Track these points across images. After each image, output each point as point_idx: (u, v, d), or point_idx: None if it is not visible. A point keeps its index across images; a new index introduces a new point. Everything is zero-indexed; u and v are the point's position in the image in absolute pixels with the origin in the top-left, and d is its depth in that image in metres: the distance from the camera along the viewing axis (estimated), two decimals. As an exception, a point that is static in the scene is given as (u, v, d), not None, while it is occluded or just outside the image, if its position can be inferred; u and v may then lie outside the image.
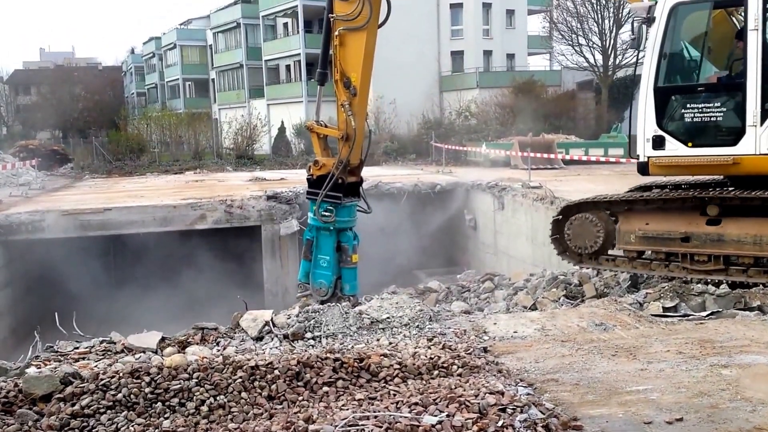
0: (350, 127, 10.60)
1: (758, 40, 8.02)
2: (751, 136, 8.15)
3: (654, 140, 8.68)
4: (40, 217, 17.34)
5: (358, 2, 10.22)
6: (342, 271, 11.00)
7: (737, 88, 8.28)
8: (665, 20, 8.50)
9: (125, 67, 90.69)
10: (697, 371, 5.62)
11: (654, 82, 8.64)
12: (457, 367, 5.65)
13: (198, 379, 5.19)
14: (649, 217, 9.13)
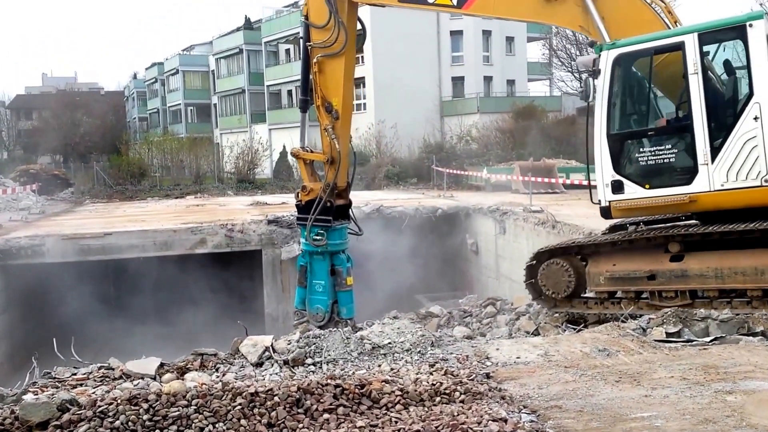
0: (335, 150, 10.90)
1: (699, 82, 8.37)
2: (704, 174, 8.46)
3: (613, 185, 8.98)
4: (39, 241, 17.32)
5: (334, 29, 10.64)
6: (338, 294, 11.11)
7: (686, 129, 8.59)
8: (610, 71, 8.87)
9: (127, 92, 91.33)
10: (702, 398, 5.55)
11: (607, 130, 8.95)
12: (459, 393, 5.58)
13: (197, 406, 5.13)
14: (616, 258, 9.34)
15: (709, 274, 8.63)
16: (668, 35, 8.81)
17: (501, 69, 51.00)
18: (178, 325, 17.83)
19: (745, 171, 8.30)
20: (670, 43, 8.69)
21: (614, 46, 8.96)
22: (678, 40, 8.59)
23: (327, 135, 11.07)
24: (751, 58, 8.20)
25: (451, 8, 10.49)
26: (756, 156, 8.21)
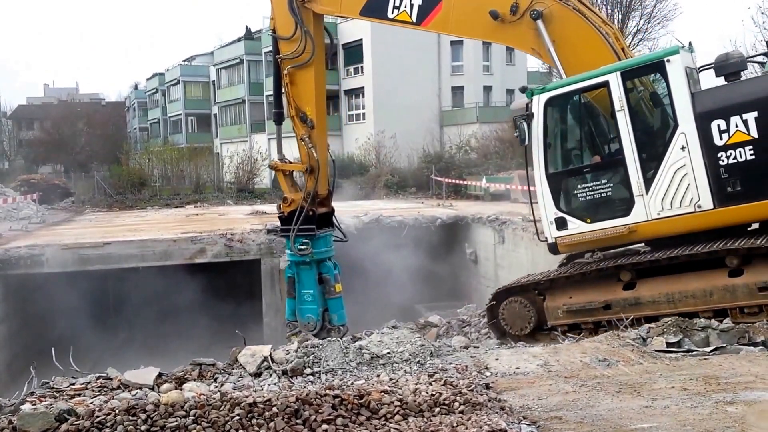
0: (313, 159, 11.04)
1: (626, 118, 8.78)
2: (641, 205, 8.81)
3: (556, 222, 9.35)
4: (39, 251, 17.31)
5: (300, 40, 10.90)
6: (328, 302, 11.28)
7: (619, 163, 8.95)
8: (542, 113, 9.29)
9: (128, 103, 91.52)
10: (703, 408, 5.52)
11: (545, 170, 9.38)
12: (458, 404, 5.55)
13: (195, 416, 5.11)
14: (572, 291, 9.54)
15: (661, 300, 8.85)
16: (593, 75, 9.13)
17: (501, 78, 51.09)
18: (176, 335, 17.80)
19: (678, 199, 8.64)
20: (596, 83, 9.05)
21: (544, 90, 9.44)
22: (603, 80, 8.96)
23: (304, 144, 11.19)
24: (672, 91, 8.59)
25: (410, 24, 10.58)
26: (687, 184, 8.56)
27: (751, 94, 8.39)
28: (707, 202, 8.49)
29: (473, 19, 10.14)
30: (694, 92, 8.68)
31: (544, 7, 9.51)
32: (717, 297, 8.45)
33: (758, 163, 8.21)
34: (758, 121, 8.15)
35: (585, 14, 9.58)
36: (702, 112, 8.48)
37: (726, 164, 8.36)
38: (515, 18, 9.65)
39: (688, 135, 8.49)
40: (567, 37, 9.55)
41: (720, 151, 8.37)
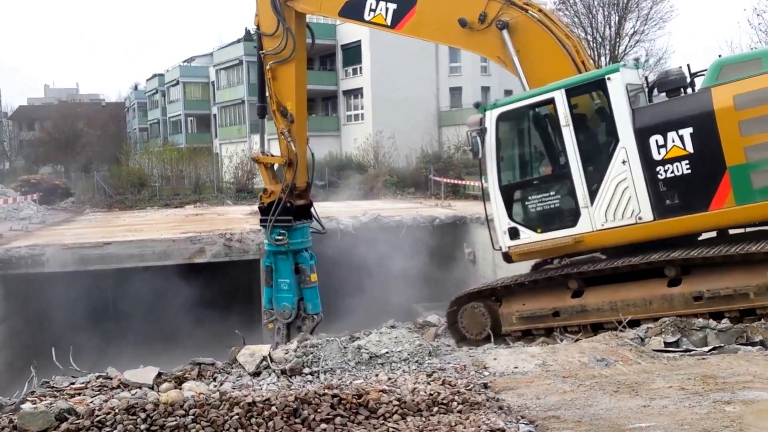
0: (291, 152, 11.56)
1: (571, 133, 9.18)
2: (586, 216, 9.19)
3: (509, 232, 9.77)
4: (39, 251, 17.30)
5: (282, 37, 11.34)
6: (303, 291, 11.69)
7: (566, 176, 9.34)
8: (494, 128, 9.70)
9: (128, 103, 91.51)
10: (701, 408, 5.53)
11: (498, 182, 9.80)
12: (457, 403, 5.57)
13: (194, 415, 5.12)
14: (526, 298, 9.94)
15: (605, 308, 9.20)
16: (541, 92, 9.55)
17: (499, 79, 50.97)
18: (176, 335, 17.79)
19: (621, 211, 9.00)
20: (543, 99, 9.48)
21: (495, 105, 9.90)
22: (549, 96, 9.37)
23: (284, 138, 11.70)
24: (613, 107, 8.94)
25: (385, 27, 10.86)
26: (628, 196, 8.92)
27: (686, 111, 8.70)
28: (647, 214, 8.83)
29: (443, 25, 10.40)
30: (635, 108, 8.99)
31: (510, 18, 9.83)
32: (656, 305, 8.76)
33: (694, 177, 8.55)
34: (693, 136, 8.47)
35: (548, 26, 9.86)
36: (641, 127, 8.81)
37: (664, 178, 8.72)
38: (483, 26, 9.95)
39: (629, 150, 8.83)
40: (530, 48, 9.87)
41: (658, 166, 8.73)
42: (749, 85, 8.30)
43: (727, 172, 8.38)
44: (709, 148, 8.42)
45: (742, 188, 8.35)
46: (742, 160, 8.31)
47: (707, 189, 8.52)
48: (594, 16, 37.81)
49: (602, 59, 38.11)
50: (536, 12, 9.95)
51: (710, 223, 8.74)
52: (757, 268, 8.30)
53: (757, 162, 8.30)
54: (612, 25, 37.76)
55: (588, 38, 38.11)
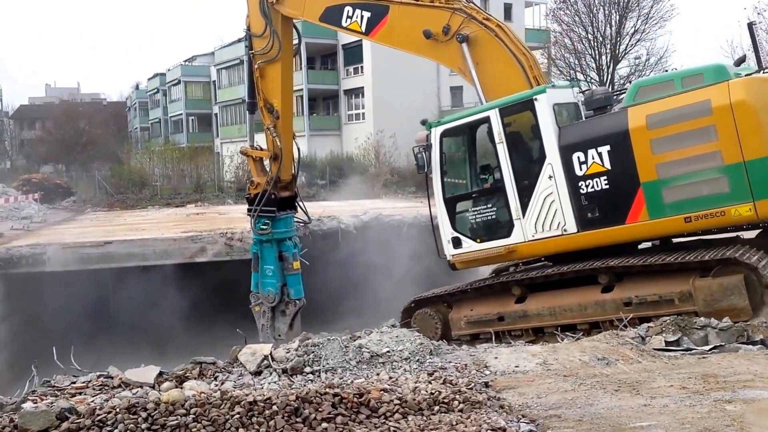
0: (277, 147, 12.12)
1: (505, 149, 9.81)
2: (519, 228, 9.79)
3: (453, 241, 10.41)
4: (40, 250, 17.33)
5: (270, 38, 11.91)
6: (286, 278, 12.35)
7: (501, 190, 9.96)
8: (438, 145, 10.37)
9: (129, 103, 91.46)
10: (701, 407, 5.53)
11: (443, 195, 10.45)
12: (458, 402, 5.57)
13: (195, 414, 5.11)
14: (474, 304, 10.48)
15: (545, 313, 9.72)
16: (478, 111, 10.29)
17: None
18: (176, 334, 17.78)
19: (548, 222, 9.57)
20: (480, 118, 10.15)
21: (439, 123, 10.59)
22: (485, 115, 10.04)
23: (270, 133, 12.21)
24: (540, 125, 9.54)
25: (360, 34, 11.56)
26: (555, 209, 9.49)
27: (604, 130, 9.23)
28: (572, 226, 9.39)
29: (411, 35, 10.96)
30: (561, 126, 9.53)
31: (470, 32, 10.40)
32: (590, 311, 9.25)
33: (612, 192, 9.08)
34: (610, 154, 9.01)
35: (505, 42, 10.34)
36: (565, 145, 9.37)
37: (586, 192, 9.27)
38: (446, 38, 10.51)
39: (554, 165, 9.41)
40: (487, 62, 10.42)
41: (580, 181, 9.28)
42: (660, 106, 8.76)
43: (640, 187, 8.88)
44: (624, 165, 8.93)
45: (655, 203, 8.83)
46: (654, 176, 8.80)
47: (624, 203, 9.03)
48: (595, 15, 37.77)
49: (603, 58, 38.08)
50: (494, 27, 10.46)
51: (628, 235, 9.19)
52: (681, 276, 8.80)
53: (667, 178, 8.76)
54: (613, 24, 37.72)
55: (589, 37, 38.08)
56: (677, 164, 8.70)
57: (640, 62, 38.06)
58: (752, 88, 8.43)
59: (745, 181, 8.34)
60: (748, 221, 8.71)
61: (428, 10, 10.76)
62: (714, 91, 8.47)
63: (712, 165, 8.51)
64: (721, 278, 8.50)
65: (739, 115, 8.27)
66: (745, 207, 8.36)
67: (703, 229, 9.07)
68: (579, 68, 38.47)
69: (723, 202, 8.48)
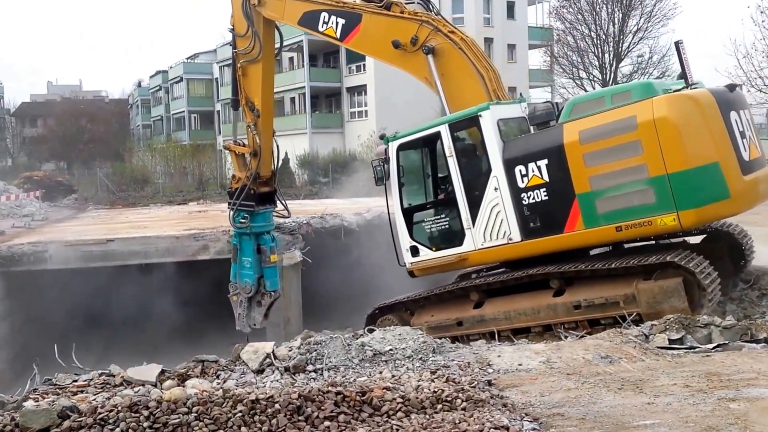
0: (256, 144, 12.57)
1: (455, 163, 10.32)
2: (469, 237, 10.27)
3: (411, 250, 10.94)
4: (42, 248, 17.29)
5: (251, 39, 12.27)
6: (264, 270, 12.67)
7: (452, 201, 10.43)
8: (395, 158, 10.90)
9: (131, 100, 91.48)
10: (705, 405, 5.52)
11: (400, 205, 10.97)
12: (461, 401, 5.55)
13: (197, 413, 5.11)
14: (434, 310, 10.95)
15: (501, 317, 10.12)
16: (430, 126, 10.86)
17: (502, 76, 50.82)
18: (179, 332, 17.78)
19: (495, 232, 10.04)
20: (432, 132, 10.70)
21: (395, 137, 11.07)
22: (436, 130, 10.60)
23: (250, 131, 12.70)
24: (485, 140, 10.00)
25: (335, 39, 11.93)
26: (501, 219, 9.96)
27: (543, 144, 9.69)
28: (516, 235, 9.87)
29: (381, 44, 11.38)
30: (505, 141, 10.00)
31: (436, 43, 10.82)
32: (543, 314, 9.63)
33: (550, 203, 9.57)
34: (548, 167, 9.49)
35: (468, 54, 10.75)
36: (508, 158, 9.85)
37: (527, 203, 9.75)
38: (414, 49, 10.94)
39: (499, 178, 9.90)
40: (451, 73, 10.86)
41: (522, 193, 9.76)
42: (592, 122, 9.23)
43: (576, 199, 9.35)
44: (561, 177, 9.41)
45: (589, 213, 9.29)
46: (588, 188, 9.26)
47: (561, 213, 9.50)
48: (597, 13, 37.70)
49: (606, 56, 38.00)
50: (459, 40, 10.83)
51: (567, 243, 9.62)
52: (626, 280, 9.22)
53: (600, 190, 9.23)
54: (616, 22, 37.64)
55: (592, 35, 38.00)
56: (608, 177, 9.16)
57: (643, 60, 38.01)
58: (674, 105, 8.86)
59: (668, 193, 8.79)
60: (672, 230, 9.21)
61: (398, 21, 11.13)
62: (640, 108, 8.92)
63: (639, 177, 8.95)
64: (662, 281, 8.93)
65: (661, 130, 8.73)
66: (669, 217, 8.83)
67: (633, 238, 9.60)
68: (582, 66, 38.41)
69: (650, 213, 8.93)
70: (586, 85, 38.57)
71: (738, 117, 9.46)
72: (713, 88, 9.57)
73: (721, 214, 9.39)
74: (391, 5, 11.23)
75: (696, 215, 8.87)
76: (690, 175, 8.77)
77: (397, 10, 11.20)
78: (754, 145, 9.73)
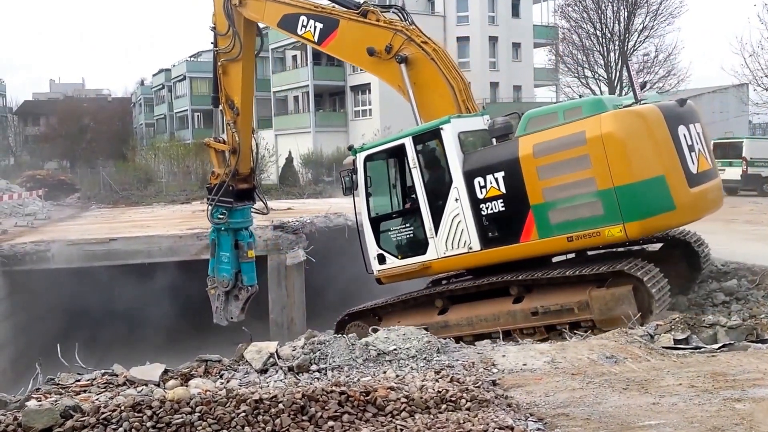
0: (235, 141, 12.75)
1: (418, 174, 10.63)
2: (432, 246, 10.58)
3: (378, 257, 11.26)
4: (45, 247, 17.31)
5: (232, 38, 12.54)
6: (241, 265, 13.01)
7: (417, 211, 10.76)
8: (363, 169, 11.20)
9: (134, 99, 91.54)
10: (710, 405, 5.49)
11: (368, 215, 11.32)
12: (465, 400, 5.53)
13: (201, 413, 5.09)
14: (401, 316, 11.19)
15: (463, 323, 10.41)
16: (395, 138, 11.20)
17: (507, 75, 50.97)
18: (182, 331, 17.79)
19: (456, 241, 10.35)
20: (397, 144, 10.97)
21: (362, 149, 11.39)
22: (401, 143, 10.87)
23: (230, 128, 12.84)
24: (446, 152, 10.32)
25: (313, 43, 12.16)
26: (461, 229, 10.27)
27: (500, 157, 10.00)
28: (476, 244, 10.18)
29: (357, 50, 11.58)
30: (466, 153, 10.32)
31: (409, 53, 11.07)
32: (503, 320, 9.87)
33: (507, 214, 9.90)
34: (505, 179, 9.82)
35: (439, 65, 10.98)
36: (468, 170, 10.17)
37: (486, 214, 10.07)
38: (388, 57, 11.17)
39: (460, 189, 10.21)
40: (423, 83, 11.10)
41: (481, 203, 10.08)
42: (545, 136, 9.59)
43: (530, 210, 9.70)
44: (516, 189, 9.77)
45: (543, 224, 9.63)
46: (541, 200, 9.61)
47: (518, 224, 9.85)
48: (603, 11, 37.67)
49: (611, 55, 37.95)
50: (431, 51, 11.05)
51: (523, 252, 9.95)
52: (581, 287, 9.55)
53: (552, 201, 9.56)
54: (621, 20, 37.60)
55: (597, 34, 37.95)
56: (560, 189, 9.50)
57: (649, 59, 37.96)
58: (620, 121, 9.17)
59: (615, 205, 9.13)
60: (619, 241, 9.58)
61: (373, 28, 11.37)
62: (589, 124, 9.28)
63: (588, 190, 9.29)
64: (613, 289, 9.28)
65: (608, 145, 9.07)
66: (616, 228, 9.15)
67: (583, 248, 9.97)
68: (587, 64, 38.35)
69: (598, 224, 9.26)
70: (592, 84, 38.53)
71: (687, 131, 9.78)
72: (662, 104, 9.93)
73: (666, 225, 9.74)
74: (367, 12, 11.45)
75: (641, 226, 9.19)
76: (635, 188, 9.12)
77: (373, 17, 11.41)
78: (704, 157, 10.12)
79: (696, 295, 11.23)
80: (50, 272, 17.60)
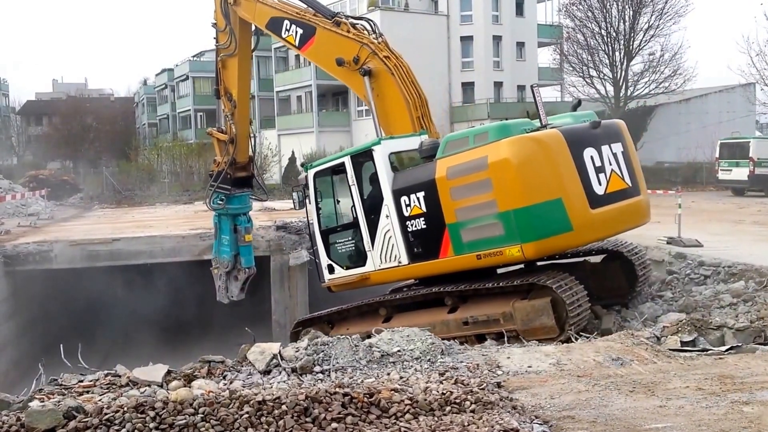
0: (233, 132, 13.57)
1: (356, 191, 11.20)
2: (370, 258, 11.16)
3: (328, 268, 11.91)
4: (47, 247, 17.31)
5: (228, 35, 13.44)
6: (239, 248, 13.90)
7: (356, 225, 11.32)
8: (312, 184, 11.91)
9: (137, 98, 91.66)
10: (718, 408, 5.46)
11: (319, 227, 11.99)
12: (470, 403, 5.50)
13: (204, 414, 5.07)
14: (350, 323, 11.78)
15: None
16: (337, 157, 11.79)
17: (511, 74, 50.81)
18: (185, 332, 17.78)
19: (388, 255, 10.91)
20: (339, 163, 11.55)
21: (311, 166, 12.10)
22: (341, 161, 11.46)
23: (228, 120, 13.65)
24: (378, 172, 10.84)
25: (294, 47, 12.78)
26: (392, 244, 10.82)
27: (421, 178, 10.43)
28: (405, 258, 10.71)
29: (330, 58, 12.08)
30: (395, 173, 10.81)
31: (373, 66, 11.62)
32: (438, 329, 10.03)
33: (428, 231, 10.38)
34: (425, 199, 10.32)
35: (398, 79, 11.47)
36: (396, 189, 10.67)
37: (411, 230, 10.57)
38: (355, 68, 11.74)
39: (389, 207, 10.73)
40: (383, 95, 11.67)
41: (407, 221, 10.58)
42: (457, 160, 10.06)
43: (446, 228, 10.17)
44: (434, 208, 10.24)
45: (457, 241, 10.11)
46: (454, 219, 10.08)
47: (436, 241, 10.33)
48: (608, 10, 37.54)
49: (616, 54, 37.83)
50: (392, 66, 11.54)
51: (443, 268, 10.41)
52: (507, 299, 10.00)
53: (463, 221, 10.04)
54: (626, 19, 37.47)
55: (602, 33, 37.83)
56: (468, 210, 9.99)
57: (654, 58, 37.83)
58: (515, 147, 9.58)
59: (513, 226, 9.58)
60: (517, 261, 10.00)
61: (343, 39, 11.89)
62: (491, 149, 9.72)
63: (491, 212, 9.76)
64: (534, 300, 9.70)
65: (504, 170, 9.57)
66: (515, 248, 9.59)
67: (491, 266, 10.34)
68: (592, 64, 38.23)
69: (500, 243, 9.73)
70: (596, 83, 38.41)
71: (597, 152, 10.10)
72: (567, 128, 10.11)
73: (563, 245, 10.06)
74: (340, 23, 12.01)
75: (536, 247, 9.58)
76: (531, 210, 9.54)
77: (345, 28, 11.94)
78: (618, 177, 10.35)
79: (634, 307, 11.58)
80: (53, 272, 17.60)
